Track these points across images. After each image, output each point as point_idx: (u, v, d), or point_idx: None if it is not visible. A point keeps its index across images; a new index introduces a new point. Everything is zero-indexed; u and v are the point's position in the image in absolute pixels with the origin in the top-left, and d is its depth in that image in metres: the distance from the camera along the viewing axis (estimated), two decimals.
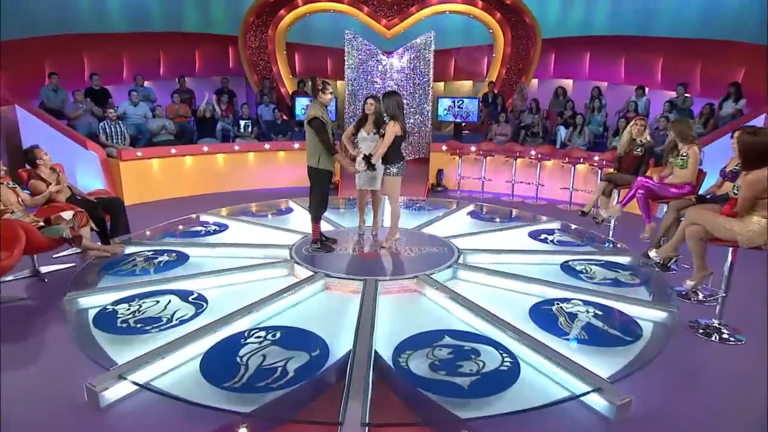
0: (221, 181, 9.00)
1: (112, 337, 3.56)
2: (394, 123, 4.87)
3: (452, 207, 7.40)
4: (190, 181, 8.70)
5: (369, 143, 5.32)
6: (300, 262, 4.75)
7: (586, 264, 5.00)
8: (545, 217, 6.96)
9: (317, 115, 4.76)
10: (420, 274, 4.44)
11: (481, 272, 4.62)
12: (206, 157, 8.86)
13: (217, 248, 5.33)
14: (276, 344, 3.40)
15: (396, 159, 4.98)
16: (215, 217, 6.72)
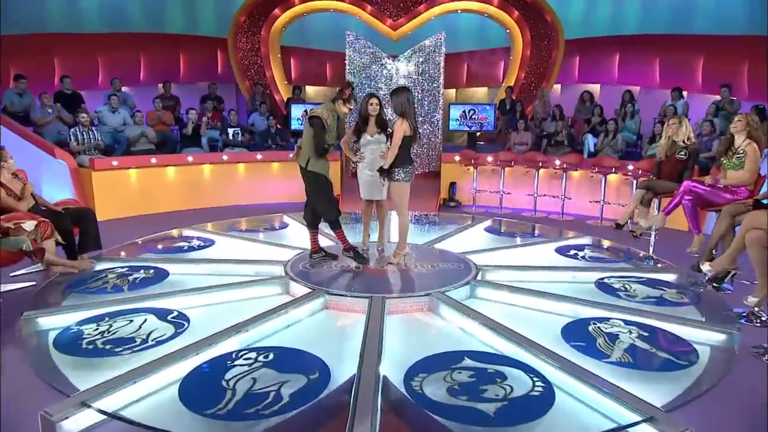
0: (208, 195, 8.94)
1: (75, 360, 3.43)
2: (402, 121, 4.85)
3: (467, 222, 7.40)
4: (173, 195, 8.64)
5: (374, 146, 5.34)
6: (296, 279, 4.68)
7: (625, 281, 4.93)
8: (573, 233, 6.93)
9: (321, 116, 4.83)
10: (433, 291, 4.39)
11: (503, 290, 4.57)
12: (191, 168, 8.82)
13: (201, 264, 5.31)
14: (268, 366, 3.28)
15: (404, 162, 4.94)
16: (200, 232, 6.69)
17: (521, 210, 8.86)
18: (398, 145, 4.83)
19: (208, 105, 10.32)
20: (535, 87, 11.49)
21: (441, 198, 9.40)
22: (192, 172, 8.86)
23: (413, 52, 10.84)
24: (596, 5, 12.27)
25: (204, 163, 8.99)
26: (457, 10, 11.98)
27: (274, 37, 12.00)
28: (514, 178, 9.09)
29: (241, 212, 8.17)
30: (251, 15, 11.56)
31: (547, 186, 8.82)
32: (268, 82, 11.80)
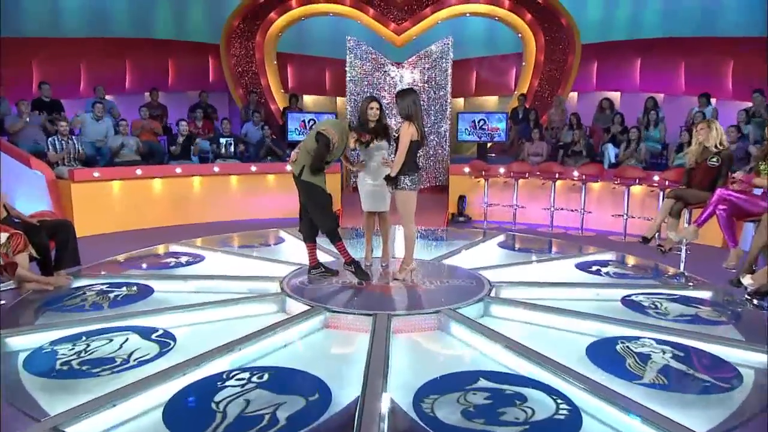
0: (197, 210, 8.91)
1: (46, 383, 3.35)
2: (409, 125, 4.85)
3: (477, 237, 7.37)
4: (159, 210, 8.60)
5: (376, 153, 5.32)
6: (293, 296, 4.64)
7: (655, 298, 4.86)
8: (595, 248, 6.89)
9: (329, 136, 4.82)
10: (443, 308, 4.33)
11: (520, 307, 4.52)
12: (179, 180, 8.79)
13: (189, 281, 5.26)
14: (263, 387, 3.20)
15: (410, 169, 4.91)
16: (188, 247, 6.64)
17: (537, 225, 8.80)
18: (405, 151, 4.81)
19: (198, 114, 10.34)
20: (550, 95, 11.51)
21: (449, 213, 9.34)
22: (181, 184, 8.83)
23: (419, 59, 10.89)
24: (615, 7, 12.36)
25: (194, 175, 8.96)
26: (466, 13, 12.08)
27: (270, 42, 12.08)
28: (528, 191, 9.04)
29: (233, 228, 8.10)
30: (246, 19, 11.66)
31: (564, 199, 8.76)
32: (263, 90, 11.85)
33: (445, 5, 11.69)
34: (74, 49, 10.74)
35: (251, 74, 11.80)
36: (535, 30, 11.61)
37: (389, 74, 10.90)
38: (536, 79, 11.74)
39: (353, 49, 10.70)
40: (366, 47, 10.77)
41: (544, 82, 11.70)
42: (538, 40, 11.65)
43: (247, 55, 11.78)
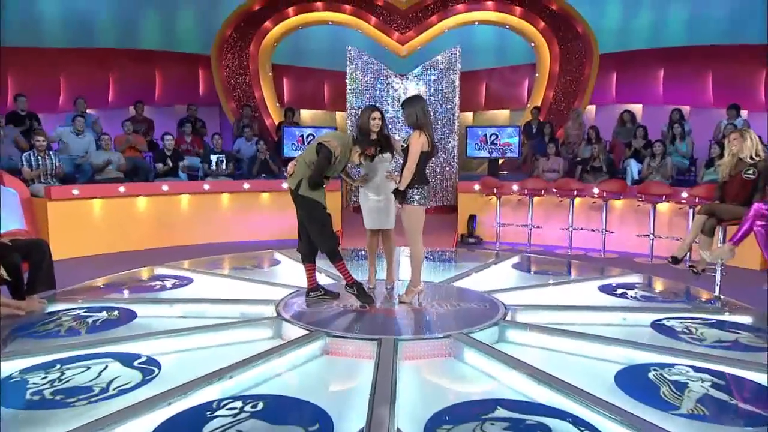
0: (185, 231, 8.86)
1: (16, 414, 3.28)
2: (419, 134, 4.85)
3: (490, 259, 7.39)
4: (144, 231, 8.54)
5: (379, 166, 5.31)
6: (290, 320, 4.63)
7: (689, 323, 4.83)
8: (619, 270, 6.87)
9: (332, 148, 4.82)
10: (455, 333, 4.32)
11: (539, 332, 4.51)
12: (166, 198, 8.75)
13: (175, 305, 5.24)
14: (257, 417, 3.14)
15: (419, 182, 4.90)
16: (175, 270, 6.63)
17: (554, 247, 8.72)
18: (415, 162, 4.81)
19: (186, 128, 10.35)
20: (566, 108, 11.55)
21: (458, 234, 9.27)
22: (167, 203, 8.78)
23: (424, 70, 10.94)
24: (635, 14, 12.48)
25: (182, 194, 8.92)
26: (474, 21, 12.18)
27: (265, 53, 12.17)
28: (544, 210, 8.98)
29: (224, 250, 8.05)
30: (239, 28, 11.75)
31: (584, 218, 8.70)
32: (258, 103, 11.90)
33: (452, 13, 11.81)
34: (53, 59, 10.82)
35: (244, 87, 11.86)
36: (548, 38, 11.68)
37: (392, 86, 10.95)
38: (551, 90, 11.78)
39: (354, 60, 10.76)
40: (368, 58, 10.84)
41: (560, 94, 11.74)
42: (552, 50, 11.72)
43: (240, 67, 11.85)
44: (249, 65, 11.86)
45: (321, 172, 4.83)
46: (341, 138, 4.96)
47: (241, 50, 11.83)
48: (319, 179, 4.85)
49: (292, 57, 13.21)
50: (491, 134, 10.36)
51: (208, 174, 9.47)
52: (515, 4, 11.58)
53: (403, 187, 4.85)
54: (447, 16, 11.84)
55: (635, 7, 12.51)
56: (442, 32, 12.13)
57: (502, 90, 13.34)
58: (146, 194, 8.63)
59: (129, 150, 9.48)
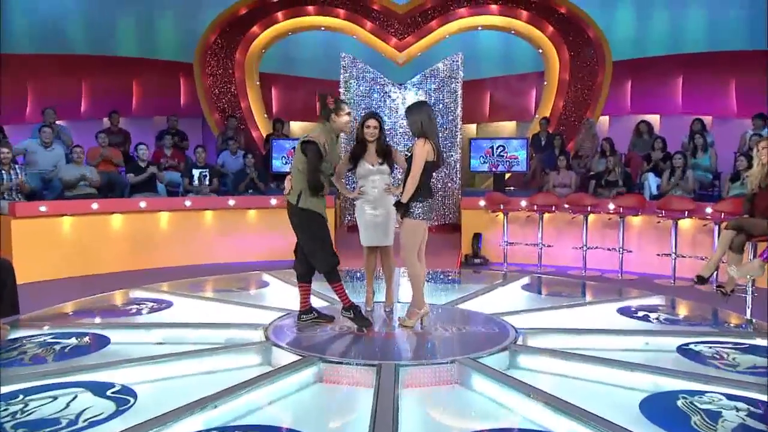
0: (165, 252, 8.78)
1: None
2: (424, 142, 4.87)
3: (497, 280, 7.47)
4: (119, 251, 8.46)
5: (376, 177, 5.36)
6: (281, 345, 4.64)
7: (719, 348, 4.83)
8: (639, 291, 6.89)
9: (317, 140, 4.84)
10: (461, 358, 4.34)
11: (554, 357, 4.53)
12: (144, 216, 8.68)
13: (153, 330, 5.24)
14: None
15: (422, 195, 4.91)
16: (153, 292, 6.63)
17: (566, 268, 8.68)
18: (419, 173, 4.83)
19: (166, 141, 10.31)
20: (577, 119, 11.57)
21: (462, 254, 9.21)
22: (145, 221, 8.71)
23: (424, 78, 10.94)
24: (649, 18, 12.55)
25: (161, 211, 8.85)
26: (478, 26, 12.22)
27: (252, 60, 12.18)
28: (555, 228, 8.95)
29: (207, 272, 7.98)
30: (224, 34, 11.77)
31: (599, 236, 8.66)
32: (244, 114, 11.89)
33: (453, 17, 11.84)
34: (19, 66, 10.77)
35: (230, 96, 11.84)
36: (558, 44, 11.72)
37: (390, 96, 10.94)
38: (561, 100, 11.80)
39: (348, 68, 10.76)
40: (363, 65, 10.84)
41: (570, 103, 11.75)
42: (561, 56, 11.75)
43: (225, 75, 11.84)
44: (235, 73, 11.85)
45: (316, 169, 4.84)
46: (322, 128, 4.98)
47: (227, 57, 11.83)
48: (317, 177, 4.85)
49: (281, 65, 13.22)
50: (498, 146, 10.34)
51: (189, 190, 9.42)
52: (521, 7, 11.61)
53: (405, 199, 4.85)
54: (448, 21, 11.85)
55: (650, 10, 12.58)
56: (442, 38, 12.16)
57: (507, 100, 13.33)
58: (122, 211, 8.54)
59: (103, 164, 9.43)
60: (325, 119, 5.01)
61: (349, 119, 5.03)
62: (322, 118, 5.01)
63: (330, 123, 4.97)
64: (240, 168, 10.04)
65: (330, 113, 4.95)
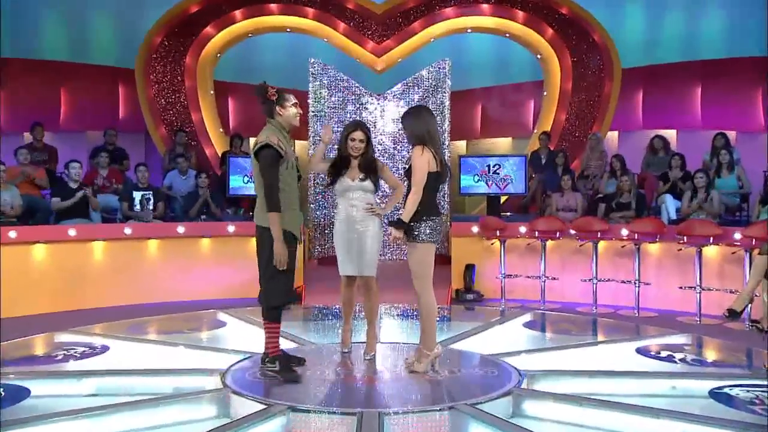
0: (100, 289, 8.60)
1: None
2: (422, 149, 4.92)
3: (494, 317, 7.62)
4: (43, 288, 8.26)
5: (357, 195, 5.38)
6: (241, 392, 4.65)
7: (759, 391, 4.85)
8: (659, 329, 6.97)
9: (271, 143, 4.82)
10: (457, 404, 4.39)
11: (566, 403, 4.58)
12: (73, 247, 8.51)
13: (84, 379, 5.18)
14: None
15: (428, 212, 4.98)
16: (84, 336, 6.55)
17: (574, 304, 8.66)
18: (422, 186, 4.88)
19: (101, 159, 10.19)
20: (582, 134, 11.69)
21: (453, 289, 9.15)
22: (75, 253, 8.54)
23: (406, 88, 10.99)
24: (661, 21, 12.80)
25: (95, 239, 8.70)
26: (467, 28, 12.35)
27: (206, 66, 12.18)
28: (560, 257, 8.96)
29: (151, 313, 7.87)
30: (172, 35, 11.72)
31: (611, 267, 8.67)
32: (196, 129, 11.82)
33: (439, 18, 11.93)
34: None
35: (179, 108, 11.77)
36: (559, 49, 11.86)
37: (366, 108, 10.98)
38: (563, 112, 11.91)
39: (318, 76, 10.78)
40: (335, 72, 10.87)
41: (573, 116, 11.87)
42: (563, 63, 11.90)
43: (173, 83, 11.79)
44: (185, 81, 11.81)
45: (275, 176, 4.80)
46: (269, 128, 4.95)
47: (175, 62, 11.79)
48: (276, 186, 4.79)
49: (239, 72, 13.23)
50: (494, 165, 10.36)
51: (129, 216, 9.30)
52: (517, 7, 11.77)
53: (407, 218, 4.87)
54: (434, 22, 11.95)
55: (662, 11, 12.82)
56: (427, 42, 12.26)
57: (502, 113, 13.46)
58: (46, 240, 8.37)
59: (25, 185, 9.28)
60: (268, 115, 5.01)
61: (297, 111, 5.03)
62: (266, 111, 4.99)
63: (276, 118, 4.97)
64: (191, 190, 9.96)
65: (273, 107, 4.96)
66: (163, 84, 11.75)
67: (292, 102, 5.00)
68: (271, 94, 4.96)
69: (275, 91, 4.98)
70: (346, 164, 5.39)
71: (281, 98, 4.97)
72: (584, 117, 11.81)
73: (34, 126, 10.57)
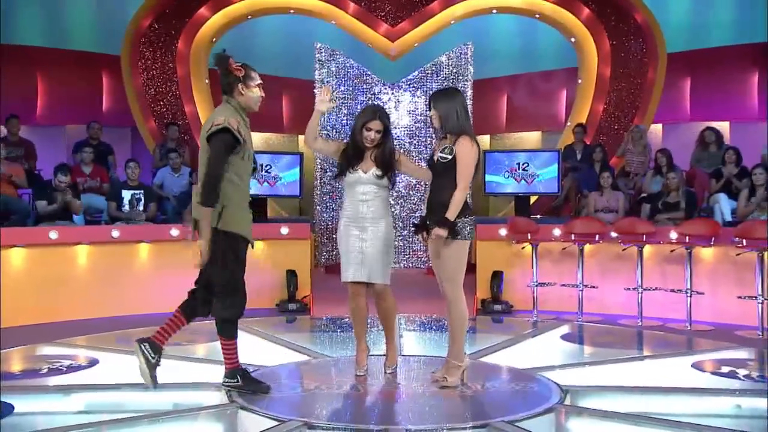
0: (85, 298, 8.56)
1: None
2: (471, 141, 4.98)
3: (526, 330, 7.75)
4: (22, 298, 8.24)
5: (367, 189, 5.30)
6: (249, 407, 4.68)
7: None
8: (717, 342, 6.95)
9: (230, 126, 4.70)
10: (494, 421, 4.42)
11: (614, 421, 4.61)
12: (56, 251, 8.50)
13: (74, 395, 5.29)
14: None
15: (466, 208, 5.06)
16: (70, 348, 6.61)
17: (616, 316, 8.59)
18: (470, 180, 5.03)
19: (84, 155, 10.22)
20: (622, 126, 11.67)
21: (478, 299, 9.11)
22: (57, 258, 8.54)
23: (423, 76, 11.01)
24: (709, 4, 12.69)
25: (79, 243, 8.69)
26: (492, 9, 12.31)
27: (199, 52, 12.22)
28: (599, 263, 8.90)
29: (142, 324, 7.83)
30: (162, 17, 11.79)
31: (658, 274, 8.62)
32: (188, 122, 11.87)
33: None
34: None
35: (170, 99, 11.82)
36: (596, 32, 11.86)
37: (379, 98, 11.00)
38: (600, 102, 11.92)
39: (325, 63, 10.83)
40: (345, 59, 10.90)
41: (612, 107, 11.88)
42: (600, 46, 11.89)
43: (163, 71, 11.84)
44: (177, 69, 11.87)
45: (221, 166, 4.64)
46: (226, 109, 4.85)
47: (165, 48, 11.85)
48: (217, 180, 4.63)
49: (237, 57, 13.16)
50: (523, 163, 10.33)
51: (117, 217, 9.32)
52: None
53: (453, 216, 4.88)
54: (454, 2, 11.95)
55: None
56: (446, 24, 12.30)
57: (530, 104, 13.49)
58: (25, 244, 8.38)
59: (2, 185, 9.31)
60: (227, 92, 4.94)
61: (261, 94, 4.95)
62: (225, 89, 4.91)
63: (236, 98, 4.90)
64: (184, 189, 9.99)
65: (235, 84, 4.88)
66: (153, 72, 11.83)
67: (257, 82, 4.94)
68: (236, 68, 4.84)
69: (241, 66, 4.87)
70: (359, 155, 5.27)
71: (248, 76, 4.88)
72: (624, 107, 11.82)
73: (9, 118, 10.62)
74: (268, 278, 9.01)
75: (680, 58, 11.91)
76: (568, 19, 12.02)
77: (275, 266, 9.03)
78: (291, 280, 8.80)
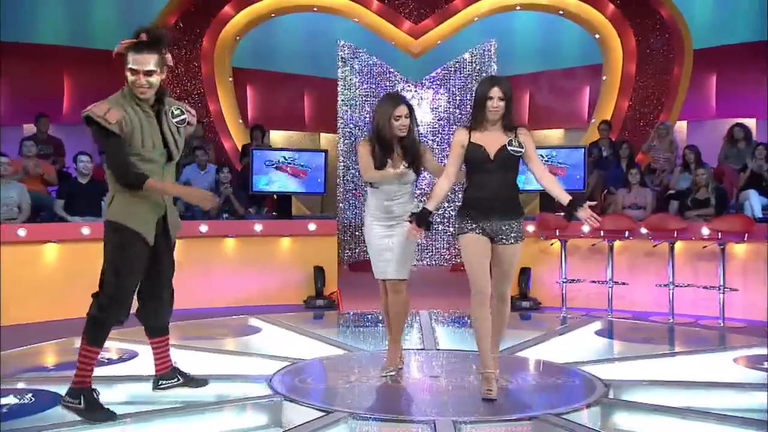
0: None
1: None
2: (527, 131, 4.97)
3: (556, 326, 7.76)
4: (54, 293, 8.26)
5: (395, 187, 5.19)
6: (293, 398, 4.73)
7: None
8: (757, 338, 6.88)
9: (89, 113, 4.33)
10: (540, 414, 4.46)
11: (662, 414, 4.63)
12: (86, 247, 8.48)
13: (117, 385, 5.32)
14: None
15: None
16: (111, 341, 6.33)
17: (647, 313, 8.56)
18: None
19: None
20: (647, 122, 11.65)
21: None
22: (88, 253, 8.49)
23: (446, 73, 11.01)
24: None
25: None
26: (515, 6, 12.33)
27: (224, 50, 12.28)
28: (629, 260, 8.88)
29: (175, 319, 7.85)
30: (186, 15, 11.83)
31: (689, 271, 8.58)
32: (213, 120, 11.91)
33: None
34: None
35: (195, 97, 11.84)
36: (621, 27, 11.86)
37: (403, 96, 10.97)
38: (625, 99, 11.91)
39: (348, 60, 10.86)
40: (368, 57, 10.93)
41: (637, 104, 11.88)
42: (626, 43, 11.88)
43: (188, 70, 11.89)
44: (201, 67, 11.91)
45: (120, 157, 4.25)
46: (111, 100, 4.45)
47: (190, 46, 11.89)
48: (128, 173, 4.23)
49: (258, 57, 13.33)
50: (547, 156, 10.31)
51: None
52: None
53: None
54: None
55: None
56: (470, 21, 12.31)
57: (553, 101, 13.45)
58: (58, 239, 8.44)
59: (31, 182, 9.34)
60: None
61: (137, 79, 4.33)
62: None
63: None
64: (210, 186, 9.99)
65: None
66: (178, 71, 11.81)
67: (130, 66, 4.39)
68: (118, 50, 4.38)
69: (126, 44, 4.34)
70: (388, 151, 5.14)
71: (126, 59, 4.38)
72: (650, 104, 11.82)
73: (39, 117, 10.68)
74: (294, 275, 9.10)
75: (706, 54, 11.86)
76: (592, 15, 12.02)
77: (302, 263, 9.10)
78: (318, 277, 8.84)
